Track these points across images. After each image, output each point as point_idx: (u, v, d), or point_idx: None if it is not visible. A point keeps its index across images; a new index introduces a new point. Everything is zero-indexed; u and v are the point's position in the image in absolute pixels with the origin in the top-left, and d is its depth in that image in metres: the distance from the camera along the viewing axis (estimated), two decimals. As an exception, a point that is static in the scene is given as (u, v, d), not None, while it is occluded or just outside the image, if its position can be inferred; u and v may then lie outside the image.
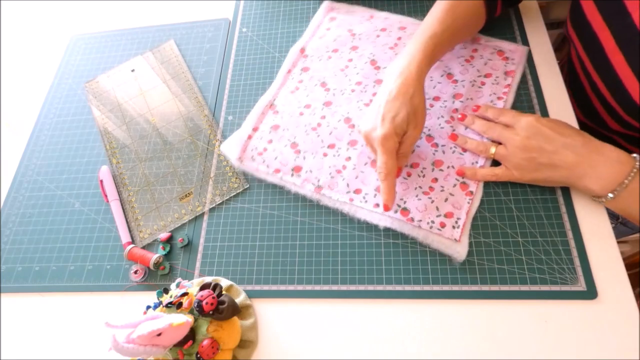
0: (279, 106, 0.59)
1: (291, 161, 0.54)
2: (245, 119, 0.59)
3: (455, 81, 0.57)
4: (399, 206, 0.49)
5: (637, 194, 0.43)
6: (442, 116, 0.54)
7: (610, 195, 0.44)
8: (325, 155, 0.54)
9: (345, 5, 0.67)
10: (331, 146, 0.54)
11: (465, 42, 0.60)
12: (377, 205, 0.49)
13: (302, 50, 0.63)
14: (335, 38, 0.63)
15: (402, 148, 0.47)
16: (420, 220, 0.48)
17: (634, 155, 0.44)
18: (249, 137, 0.57)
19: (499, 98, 0.55)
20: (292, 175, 0.53)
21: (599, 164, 0.44)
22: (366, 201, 0.50)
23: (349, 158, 0.53)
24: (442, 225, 0.47)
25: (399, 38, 0.61)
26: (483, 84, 0.56)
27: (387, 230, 0.49)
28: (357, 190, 0.51)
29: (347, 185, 0.51)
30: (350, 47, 0.62)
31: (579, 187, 0.46)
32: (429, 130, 0.54)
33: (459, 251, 0.46)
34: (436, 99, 0.56)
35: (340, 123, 0.56)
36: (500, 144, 0.49)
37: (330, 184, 0.52)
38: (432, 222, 0.47)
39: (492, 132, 0.50)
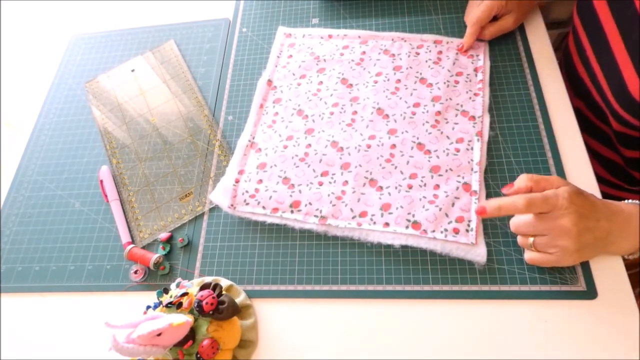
0: (260, 143, 0.57)
1: (287, 197, 0.52)
2: (229, 164, 0.56)
3: (430, 84, 0.57)
4: (409, 220, 0.48)
5: None
6: (427, 122, 0.54)
7: None
8: (320, 184, 0.52)
9: (300, 29, 0.66)
10: (324, 174, 0.53)
11: (428, 44, 0.61)
12: (387, 224, 0.48)
13: (270, 82, 0.62)
14: (300, 64, 0.62)
15: (490, 28, 0.57)
16: (434, 231, 0.47)
17: None
18: (237, 182, 0.54)
19: (475, 94, 0.56)
20: (292, 211, 0.51)
21: (626, 225, 0.42)
22: (374, 222, 0.49)
23: (346, 182, 0.52)
24: (456, 231, 0.47)
25: (363, 52, 0.61)
26: (457, 82, 0.57)
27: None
28: (363, 213, 0.49)
29: (351, 210, 0.50)
30: (317, 70, 0.62)
31: (611, 252, 0.44)
32: (418, 138, 0.53)
33: (479, 253, 0.46)
34: (416, 105, 0.56)
35: (327, 149, 0.54)
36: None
37: (334, 213, 0.50)
38: (445, 230, 0.47)
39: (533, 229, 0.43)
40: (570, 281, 0.44)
